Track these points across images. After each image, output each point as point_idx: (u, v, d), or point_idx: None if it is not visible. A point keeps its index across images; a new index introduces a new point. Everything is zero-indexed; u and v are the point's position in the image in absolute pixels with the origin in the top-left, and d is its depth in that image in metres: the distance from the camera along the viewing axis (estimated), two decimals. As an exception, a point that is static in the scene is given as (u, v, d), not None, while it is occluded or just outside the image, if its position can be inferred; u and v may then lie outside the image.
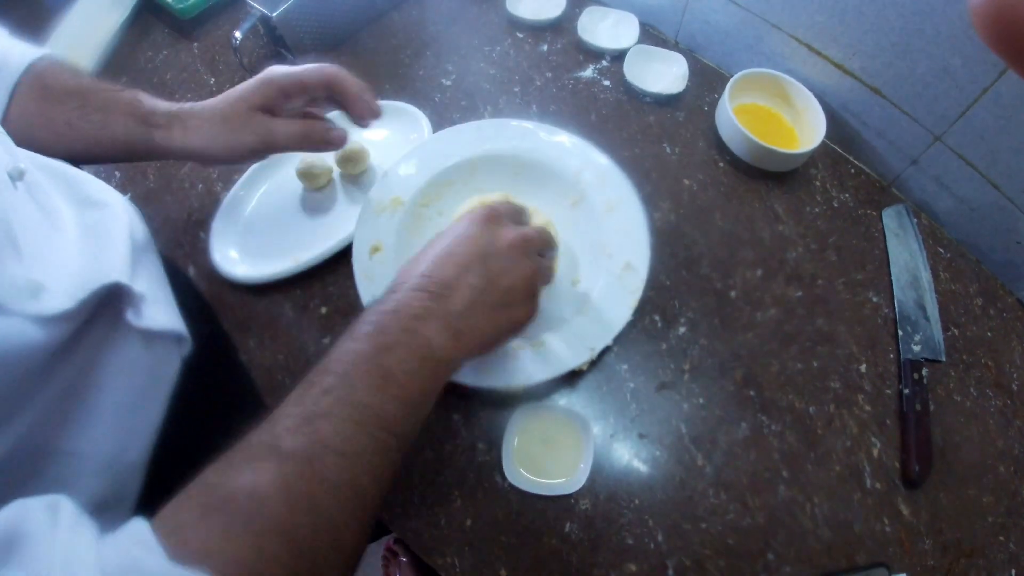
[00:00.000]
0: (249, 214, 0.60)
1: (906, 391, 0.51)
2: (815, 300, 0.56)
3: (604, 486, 0.47)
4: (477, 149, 0.56)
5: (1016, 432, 0.50)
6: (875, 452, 0.49)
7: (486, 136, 0.57)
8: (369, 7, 0.75)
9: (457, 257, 0.38)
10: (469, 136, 0.57)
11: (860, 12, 0.56)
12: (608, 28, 0.74)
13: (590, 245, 0.53)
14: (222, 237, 0.57)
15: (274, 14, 0.65)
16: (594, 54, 0.72)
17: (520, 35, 0.75)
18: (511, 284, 0.39)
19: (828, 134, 0.60)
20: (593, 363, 0.51)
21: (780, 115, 0.66)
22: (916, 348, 0.53)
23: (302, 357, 0.53)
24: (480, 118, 0.65)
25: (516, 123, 0.58)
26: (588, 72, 0.71)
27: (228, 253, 0.57)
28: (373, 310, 0.36)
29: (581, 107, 0.68)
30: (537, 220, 0.51)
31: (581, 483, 0.46)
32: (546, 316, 0.50)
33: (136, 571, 0.23)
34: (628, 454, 0.48)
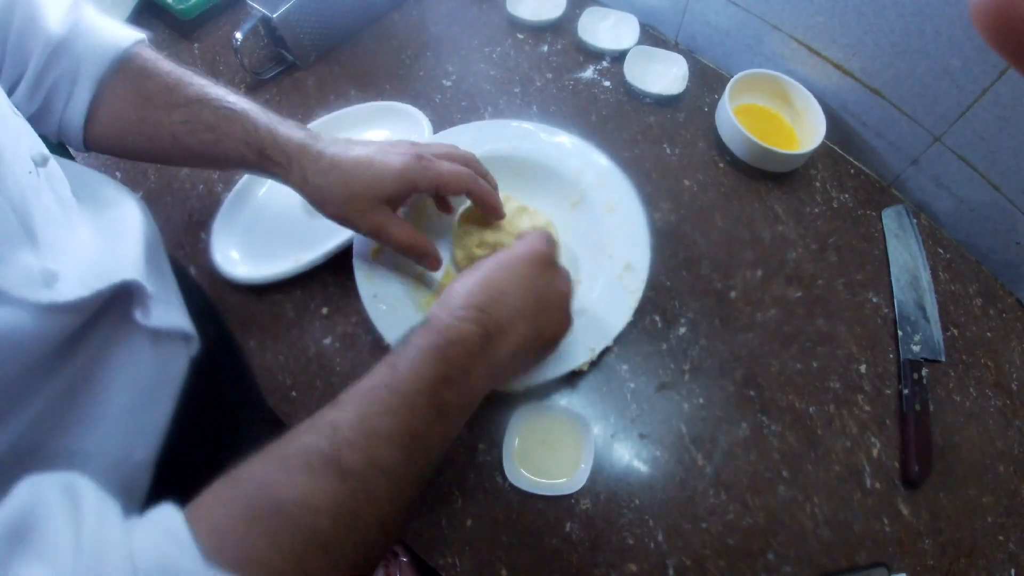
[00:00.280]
0: (250, 215, 0.60)
1: (906, 391, 0.51)
2: (815, 300, 0.56)
3: (604, 486, 0.47)
4: (477, 150, 0.55)
5: (1015, 432, 0.51)
6: (875, 452, 0.49)
7: (486, 137, 0.57)
8: (369, 8, 0.75)
9: (515, 300, 0.38)
10: (469, 137, 0.57)
11: (860, 13, 0.56)
12: (608, 29, 0.74)
13: (590, 246, 0.53)
14: (223, 238, 0.58)
15: (275, 15, 0.65)
16: (594, 55, 0.72)
17: (520, 36, 0.75)
18: (552, 337, 0.40)
19: (828, 135, 0.60)
20: (593, 363, 0.51)
21: (780, 116, 0.66)
22: (916, 348, 0.53)
23: (303, 358, 0.53)
24: (480, 119, 0.65)
25: (516, 124, 0.58)
26: (588, 73, 0.71)
27: (229, 254, 0.57)
28: (438, 329, 0.35)
29: (581, 108, 0.68)
30: (538, 220, 0.51)
31: (581, 483, 0.46)
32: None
33: (170, 571, 0.22)
34: (628, 454, 0.49)
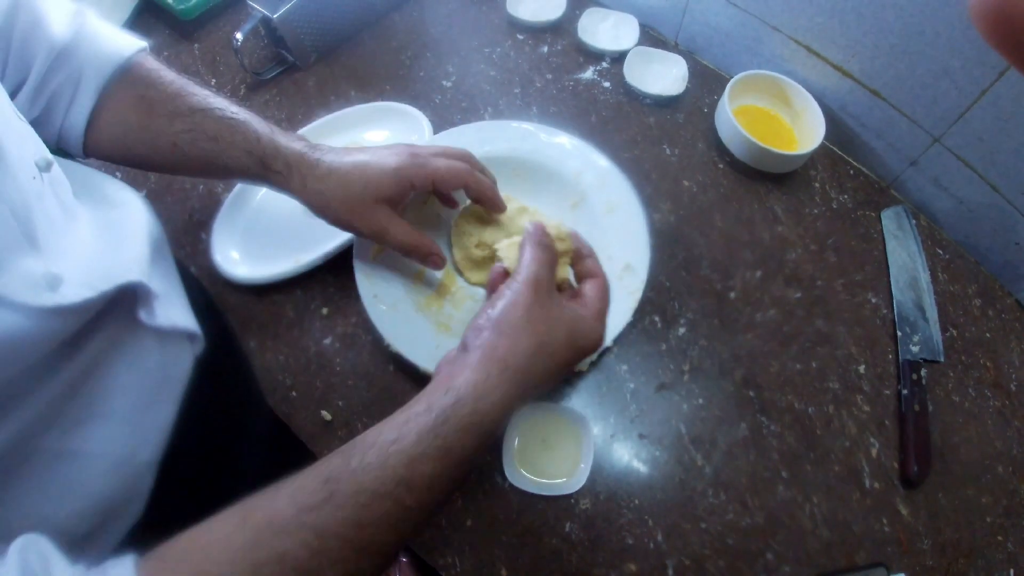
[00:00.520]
0: (250, 215, 0.60)
1: (905, 392, 0.51)
2: (814, 301, 0.56)
3: (604, 486, 0.47)
4: (477, 151, 0.55)
5: (1014, 432, 0.51)
6: (874, 452, 0.49)
7: (486, 138, 0.57)
8: (369, 9, 0.75)
9: (550, 365, 0.35)
10: (469, 137, 0.57)
11: (859, 14, 0.56)
12: (608, 30, 0.74)
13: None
14: (223, 238, 0.58)
15: (275, 15, 0.65)
16: (594, 56, 0.72)
17: (520, 36, 0.75)
18: (575, 363, 0.38)
19: (827, 135, 0.60)
20: (593, 364, 0.51)
21: (779, 116, 0.66)
22: (915, 349, 0.53)
23: (303, 358, 0.53)
24: (480, 119, 0.65)
25: (516, 124, 0.58)
26: (588, 74, 0.71)
27: (229, 254, 0.57)
28: (452, 407, 0.32)
29: (581, 109, 0.68)
30: (537, 221, 0.51)
31: (581, 483, 0.46)
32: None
33: None
34: (628, 454, 0.49)
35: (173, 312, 0.40)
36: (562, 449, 0.48)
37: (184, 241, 0.60)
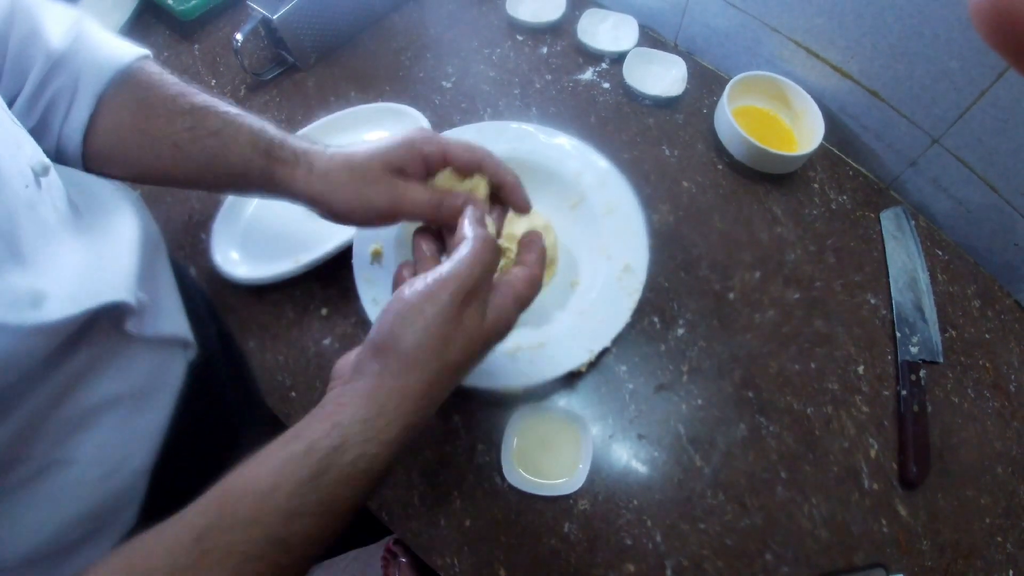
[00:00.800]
0: (250, 215, 0.60)
1: (904, 392, 0.51)
2: (813, 302, 0.56)
3: (603, 487, 0.47)
4: (477, 151, 0.56)
5: (1014, 433, 0.51)
6: (873, 453, 0.49)
7: (486, 138, 0.57)
8: (369, 9, 0.76)
9: (454, 381, 0.33)
10: (469, 138, 0.57)
11: (858, 15, 0.56)
12: (607, 30, 0.74)
13: (589, 247, 0.53)
14: (223, 238, 0.58)
15: (275, 16, 0.65)
16: (593, 56, 0.72)
17: (520, 37, 0.75)
18: (475, 354, 0.34)
19: (826, 136, 0.60)
20: (592, 364, 0.51)
21: (779, 117, 0.66)
22: (914, 349, 0.53)
23: (302, 358, 0.53)
24: (480, 120, 0.65)
25: (516, 125, 0.59)
26: (587, 74, 0.71)
27: (229, 254, 0.57)
28: (334, 453, 0.28)
29: (581, 109, 0.68)
30: (536, 222, 0.51)
31: (580, 484, 0.46)
32: (545, 318, 0.50)
33: None
34: (627, 455, 0.49)
35: (164, 320, 0.39)
36: (561, 450, 0.48)
37: (184, 241, 0.60)
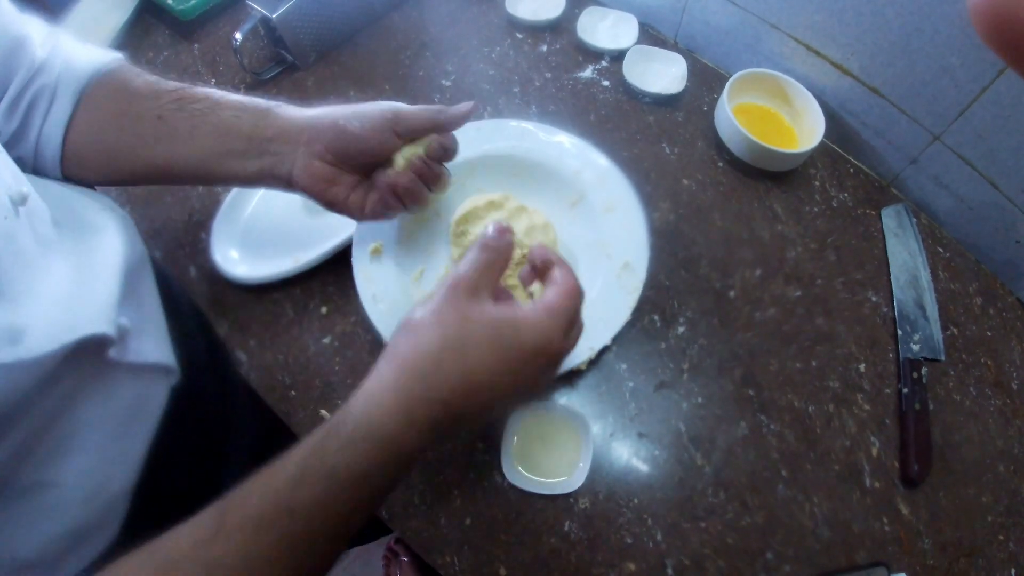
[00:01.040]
0: (249, 214, 0.60)
1: (905, 390, 0.51)
2: (814, 299, 0.56)
3: (603, 485, 0.47)
4: (477, 149, 0.56)
5: (1015, 431, 0.50)
6: (874, 451, 0.49)
7: (485, 136, 0.57)
8: (369, 8, 0.75)
9: (463, 367, 0.32)
10: (468, 136, 0.57)
11: (859, 12, 0.56)
12: (607, 28, 0.74)
13: (589, 245, 0.53)
14: (223, 237, 0.58)
15: (274, 15, 0.65)
16: (593, 54, 0.72)
17: (519, 36, 0.75)
18: (529, 367, 0.33)
19: (827, 134, 0.60)
20: (592, 362, 0.51)
21: (779, 115, 0.66)
22: (915, 347, 0.53)
23: (302, 357, 0.53)
24: (480, 118, 0.65)
25: (515, 123, 0.58)
26: (587, 72, 0.71)
27: (229, 253, 0.57)
28: (337, 420, 0.31)
29: (580, 107, 0.68)
30: (536, 220, 0.51)
31: (580, 482, 0.46)
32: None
33: None
34: (627, 453, 0.49)
35: (147, 346, 0.39)
36: (561, 448, 0.48)
37: (184, 241, 0.60)
